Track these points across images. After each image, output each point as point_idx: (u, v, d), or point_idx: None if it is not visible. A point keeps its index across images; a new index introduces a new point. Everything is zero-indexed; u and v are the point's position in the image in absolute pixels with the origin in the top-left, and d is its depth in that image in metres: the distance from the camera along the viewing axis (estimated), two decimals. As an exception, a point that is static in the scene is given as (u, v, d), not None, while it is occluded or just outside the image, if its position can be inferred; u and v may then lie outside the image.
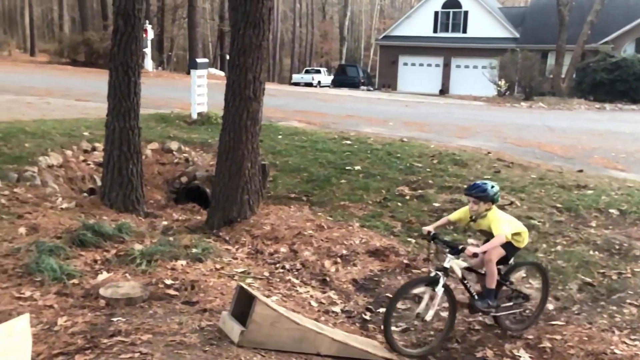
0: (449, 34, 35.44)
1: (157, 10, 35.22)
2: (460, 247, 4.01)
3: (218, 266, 4.95)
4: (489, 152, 9.67)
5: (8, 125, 8.39)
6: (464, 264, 4.19)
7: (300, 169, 8.40)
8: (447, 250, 4.08)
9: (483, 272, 4.23)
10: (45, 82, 17.60)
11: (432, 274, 3.99)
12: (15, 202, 6.07)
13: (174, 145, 9.09)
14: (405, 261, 5.61)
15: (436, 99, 26.42)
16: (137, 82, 6.89)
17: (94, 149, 8.22)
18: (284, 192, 7.66)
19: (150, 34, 25.78)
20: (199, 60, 12.87)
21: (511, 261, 4.42)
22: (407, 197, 7.33)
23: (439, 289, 3.91)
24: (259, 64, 6.31)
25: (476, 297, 4.18)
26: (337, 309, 4.64)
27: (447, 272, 3.98)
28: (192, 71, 12.01)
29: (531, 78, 25.82)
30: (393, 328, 4.05)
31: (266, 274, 5.10)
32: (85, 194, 7.26)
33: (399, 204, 7.15)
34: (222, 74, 28.88)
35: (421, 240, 4.34)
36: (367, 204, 7.17)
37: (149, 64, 25.30)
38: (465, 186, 7.51)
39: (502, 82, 27.39)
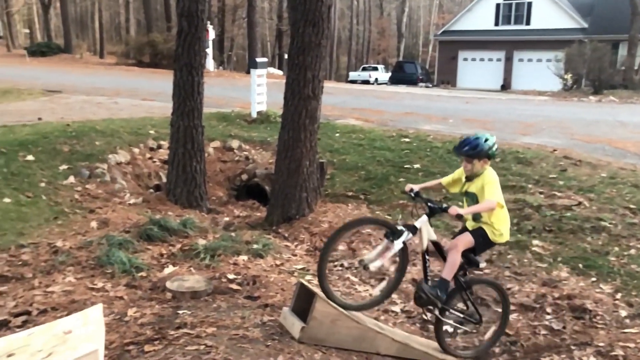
0: (512, 27, 34.21)
1: (218, 11, 36.06)
2: (444, 206, 3.60)
3: (278, 262, 5.03)
4: (554, 150, 9.27)
5: (80, 125, 8.87)
6: (434, 237, 3.81)
7: (357, 167, 8.37)
8: (428, 208, 3.67)
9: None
10: (114, 83, 18.46)
11: (399, 227, 3.61)
12: (87, 198, 6.42)
13: (234, 143, 9.30)
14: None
15: (498, 95, 25.58)
16: (200, 82, 7.10)
17: (159, 146, 8.54)
18: (341, 190, 7.66)
19: (212, 35, 26.38)
20: (258, 59, 13.06)
21: (482, 265, 3.96)
22: (468, 196, 7.15)
23: (398, 243, 3.52)
24: (318, 63, 6.34)
25: (429, 283, 3.75)
26: (396, 308, 4.60)
27: (414, 231, 3.60)
28: (251, 71, 12.21)
29: (600, 70, 24.48)
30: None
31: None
32: (151, 190, 7.57)
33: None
34: (280, 73, 29.24)
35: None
36: (427, 202, 7.05)
37: (210, 64, 25.94)
38: (529, 186, 7.32)
39: (569, 76, 26.16)
